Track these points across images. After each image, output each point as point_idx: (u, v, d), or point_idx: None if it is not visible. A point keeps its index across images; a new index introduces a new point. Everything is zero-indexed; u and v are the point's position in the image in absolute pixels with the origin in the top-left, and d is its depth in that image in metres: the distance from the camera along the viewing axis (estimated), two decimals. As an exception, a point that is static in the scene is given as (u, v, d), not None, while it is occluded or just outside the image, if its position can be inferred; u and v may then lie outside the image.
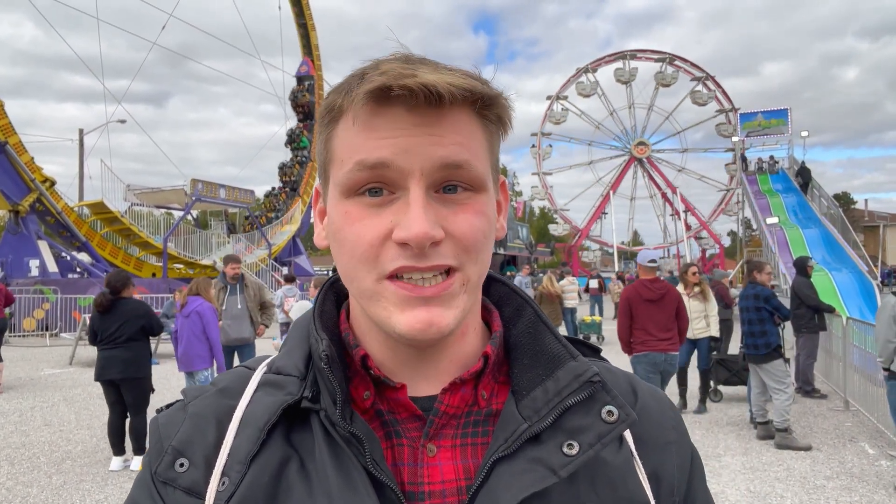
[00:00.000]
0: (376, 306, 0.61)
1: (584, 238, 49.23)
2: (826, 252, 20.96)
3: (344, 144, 0.61)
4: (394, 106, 0.57)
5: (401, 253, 0.58)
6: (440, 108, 0.58)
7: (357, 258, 0.60)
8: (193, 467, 0.63)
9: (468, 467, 0.63)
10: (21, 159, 18.34)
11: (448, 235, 0.59)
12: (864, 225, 38.90)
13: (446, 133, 0.59)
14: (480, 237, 0.61)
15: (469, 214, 0.60)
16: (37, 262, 18.70)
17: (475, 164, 0.60)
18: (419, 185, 0.58)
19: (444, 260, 0.59)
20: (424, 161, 0.58)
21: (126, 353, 5.66)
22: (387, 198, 0.59)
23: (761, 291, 6.82)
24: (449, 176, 0.59)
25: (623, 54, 48.63)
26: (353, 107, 0.59)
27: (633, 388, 0.73)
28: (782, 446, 6.21)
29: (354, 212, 0.60)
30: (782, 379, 6.45)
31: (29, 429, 7.05)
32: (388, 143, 0.58)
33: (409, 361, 0.66)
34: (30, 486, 5.21)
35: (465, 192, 0.61)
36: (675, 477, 0.69)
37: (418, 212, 0.57)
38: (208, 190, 24.52)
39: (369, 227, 0.59)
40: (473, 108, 0.61)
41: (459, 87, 0.57)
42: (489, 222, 0.63)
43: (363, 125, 0.59)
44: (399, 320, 0.60)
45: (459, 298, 0.61)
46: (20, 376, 10.49)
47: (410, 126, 0.58)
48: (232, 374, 0.72)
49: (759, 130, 38.90)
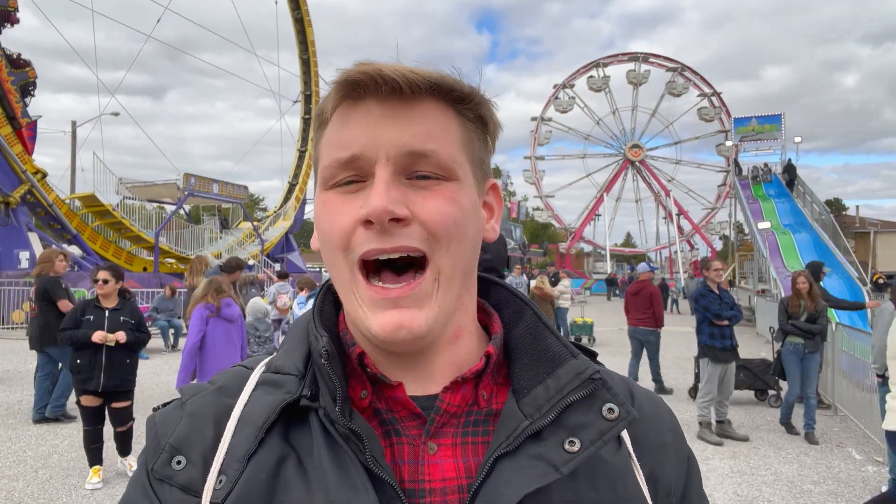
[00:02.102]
0: (354, 304, 0.63)
1: (577, 239, 49.35)
2: (817, 257, 21.05)
3: (324, 141, 0.64)
4: (366, 100, 0.61)
5: (368, 236, 0.60)
6: (408, 100, 0.61)
7: (333, 245, 0.62)
8: (190, 465, 0.63)
9: (469, 465, 0.63)
10: (12, 150, 18.21)
11: (416, 218, 0.60)
12: (854, 231, 39.11)
13: (414, 123, 0.61)
14: (450, 223, 0.61)
15: (438, 200, 0.61)
16: (27, 254, 18.54)
17: (443, 153, 0.61)
18: (385, 169, 0.60)
19: (410, 241, 0.60)
20: (390, 147, 0.60)
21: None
22: (359, 185, 0.62)
23: (697, 290, 7.05)
24: (415, 163, 0.61)
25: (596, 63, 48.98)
26: (332, 107, 0.63)
27: (630, 391, 0.74)
28: (700, 437, 6.70)
29: (331, 200, 0.63)
30: (706, 377, 6.80)
31: (15, 422, 7.00)
32: (359, 133, 0.61)
33: (401, 363, 0.66)
34: (15, 480, 5.17)
35: (435, 179, 0.62)
36: (672, 479, 0.70)
37: (380, 189, 0.59)
38: (201, 185, 24.41)
39: (343, 213, 0.61)
40: (447, 103, 0.63)
41: (423, 76, 0.60)
42: (463, 212, 0.63)
43: (339, 120, 0.63)
44: (372, 322, 0.61)
45: (434, 297, 0.61)
46: (8, 369, 10.41)
47: (380, 117, 0.60)
48: (230, 372, 0.72)
49: (752, 135, 39.09)
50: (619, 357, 11.87)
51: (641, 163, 50.06)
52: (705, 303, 6.76)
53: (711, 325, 6.74)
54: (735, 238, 34.83)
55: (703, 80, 48.05)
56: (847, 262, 20.26)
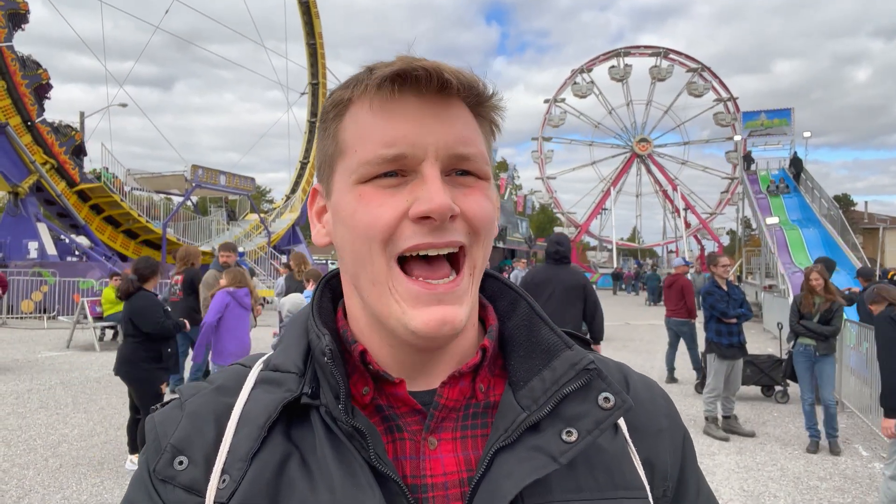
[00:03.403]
0: (388, 300, 0.62)
1: (583, 233, 49.23)
2: (825, 253, 20.95)
3: (359, 133, 0.62)
4: (405, 93, 0.60)
5: (417, 230, 0.60)
6: (447, 97, 0.61)
7: (372, 238, 0.61)
8: (193, 465, 0.63)
9: (469, 459, 0.64)
10: (21, 141, 18.29)
11: (461, 214, 0.62)
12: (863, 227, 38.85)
13: (455, 122, 0.62)
14: (489, 219, 0.64)
15: (479, 196, 0.63)
16: (35, 245, 18.66)
17: (480, 157, 0.63)
18: (434, 166, 0.60)
19: (458, 236, 0.62)
20: (438, 144, 0.61)
21: (124, 349, 5.34)
22: (401, 179, 0.61)
23: (705, 287, 7.00)
24: (458, 164, 0.62)
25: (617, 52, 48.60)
26: (366, 94, 0.61)
27: (625, 377, 0.75)
28: (706, 433, 6.69)
29: (369, 193, 0.61)
30: (712, 373, 6.80)
31: (26, 411, 7.06)
32: (405, 130, 0.60)
33: (409, 359, 0.66)
34: (26, 468, 5.22)
35: (473, 177, 0.64)
36: (668, 463, 0.71)
37: (437, 186, 0.59)
38: (208, 176, 24.46)
39: (387, 206, 0.60)
40: (467, 104, 0.64)
41: (465, 77, 0.61)
42: (494, 209, 0.65)
43: (379, 110, 0.61)
44: (413, 317, 0.60)
45: (469, 292, 0.63)
46: (17, 358, 10.50)
47: (422, 113, 0.61)
48: (228, 372, 0.72)
49: (761, 130, 38.82)
50: (624, 352, 11.88)
51: (649, 157, 49.81)
52: (712, 301, 6.73)
53: (718, 321, 6.71)
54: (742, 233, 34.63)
55: (721, 84, 47.51)
56: (855, 257, 20.15)
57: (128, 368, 5.25)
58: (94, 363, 10.21)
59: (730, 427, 6.77)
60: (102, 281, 16.03)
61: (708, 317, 6.85)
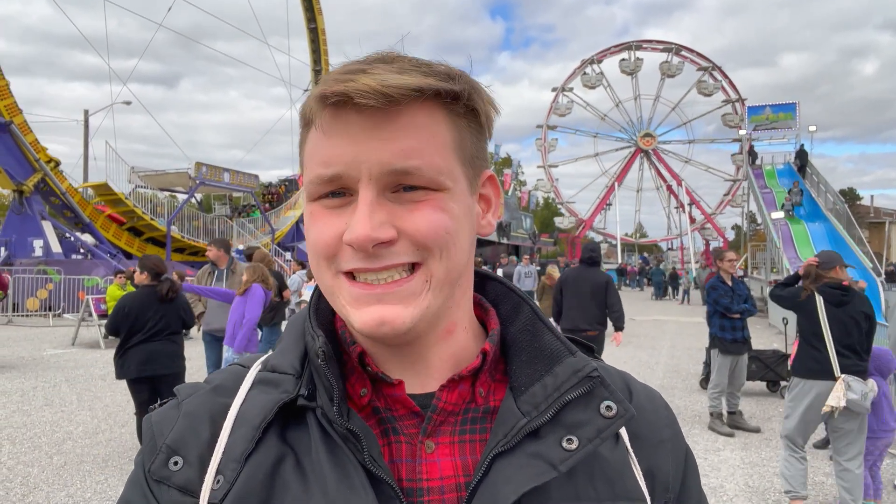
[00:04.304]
0: (337, 303, 0.63)
1: (587, 229, 49.16)
2: (830, 247, 20.91)
3: (309, 150, 0.62)
4: (346, 110, 0.57)
5: (354, 254, 0.59)
6: (391, 110, 0.57)
7: (317, 255, 0.62)
8: (187, 465, 0.63)
9: (467, 463, 0.63)
10: (26, 139, 18.34)
11: (403, 234, 0.59)
12: (869, 221, 38.72)
13: (397, 136, 0.57)
14: (441, 232, 0.60)
15: (427, 211, 0.59)
16: (40, 243, 18.74)
17: (429, 168, 0.59)
18: (368, 188, 0.58)
19: (399, 259, 0.59)
20: (372, 167, 0.58)
21: (171, 346, 5.32)
22: (346, 199, 0.60)
23: (710, 282, 6.95)
24: (399, 180, 0.59)
25: (628, 45, 48.36)
26: (315, 112, 0.60)
27: (627, 386, 0.74)
28: (711, 428, 6.68)
29: (317, 212, 0.62)
30: (715, 368, 6.77)
31: (31, 409, 7.09)
32: (341, 150, 0.58)
33: (394, 359, 0.66)
34: (31, 465, 5.24)
35: (423, 190, 0.59)
36: (670, 475, 0.70)
37: (362, 214, 0.57)
38: (212, 173, 24.52)
39: (328, 226, 0.60)
40: (436, 104, 0.59)
41: (401, 86, 0.56)
42: (454, 218, 0.61)
43: (321, 131, 0.60)
44: (355, 317, 0.60)
45: (422, 296, 0.60)
46: (23, 356, 10.54)
47: (360, 130, 0.58)
48: (226, 372, 0.72)
49: (766, 124, 38.69)
50: (629, 347, 11.85)
51: (654, 152, 49.68)
52: (716, 295, 6.70)
53: (722, 316, 6.69)
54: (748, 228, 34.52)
55: (731, 85, 47.17)
56: (861, 252, 20.08)
57: (180, 363, 5.42)
58: (98, 361, 10.24)
59: (735, 423, 6.76)
60: (107, 278, 16.11)
61: (712, 311, 6.84)
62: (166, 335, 5.30)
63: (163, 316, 5.30)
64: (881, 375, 4.63)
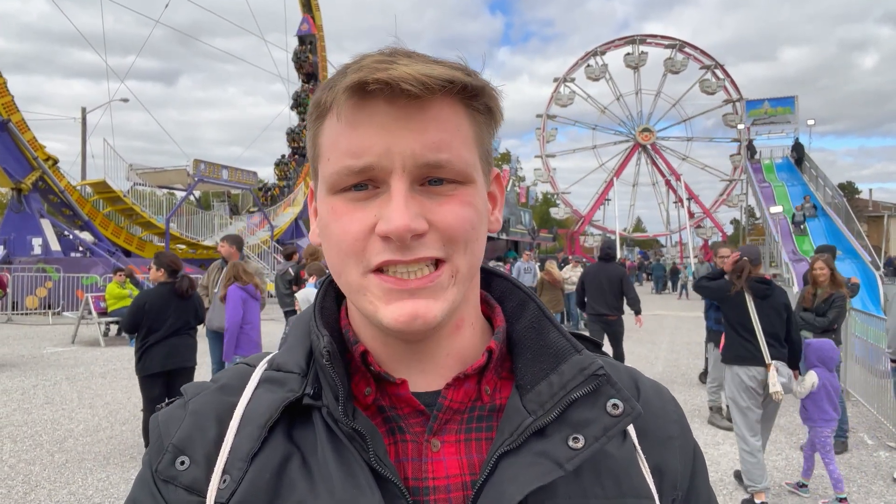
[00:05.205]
0: (363, 300, 0.61)
1: (586, 224, 49.12)
2: (829, 242, 20.93)
3: (330, 141, 0.61)
4: (374, 100, 0.57)
5: (385, 247, 0.58)
6: (420, 101, 0.57)
7: (343, 252, 0.61)
8: (194, 465, 0.63)
9: (473, 462, 0.63)
10: (24, 137, 18.29)
11: (433, 227, 0.59)
12: (867, 215, 38.74)
13: (428, 127, 0.58)
14: (468, 227, 0.61)
15: (455, 205, 0.60)
16: (39, 241, 18.70)
17: (458, 161, 0.60)
18: (401, 180, 0.58)
19: (429, 252, 0.59)
20: (406, 158, 0.58)
21: (191, 340, 5.42)
22: (371, 192, 0.60)
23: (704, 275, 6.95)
24: (431, 173, 0.59)
25: (633, 38, 48.14)
26: (336, 103, 0.59)
27: (635, 382, 0.73)
28: (711, 422, 6.71)
29: (340, 207, 0.61)
30: (713, 362, 6.80)
31: (31, 407, 7.10)
32: (372, 140, 0.58)
33: (403, 356, 0.65)
34: (32, 463, 5.25)
35: (450, 184, 0.60)
36: (678, 471, 0.69)
37: (399, 205, 0.57)
38: (211, 171, 24.48)
39: (354, 220, 0.60)
40: (458, 99, 0.60)
41: (437, 77, 0.56)
42: (478, 213, 0.62)
43: (346, 121, 0.59)
44: (384, 313, 0.60)
45: (448, 290, 0.61)
46: (22, 354, 10.54)
47: (391, 120, 0.57)
48: (232, 371, 0.72)
49: (765, 118, 38.66)
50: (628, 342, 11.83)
51: (652, 146, 49.60)
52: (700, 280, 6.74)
53: (718, 310, 6.69)
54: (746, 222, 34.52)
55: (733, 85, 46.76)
56: (860, 246, 20.09)
57: (195, 357, 5.48)
58: (98, 358, 10.24)
59: None
60: (106, 276, 16.08)
61: (707, 305, 6.86)
62: (185, 330, 5.37)
63: (182, 312, 5.35)
64: (825, 367, 4.75)
